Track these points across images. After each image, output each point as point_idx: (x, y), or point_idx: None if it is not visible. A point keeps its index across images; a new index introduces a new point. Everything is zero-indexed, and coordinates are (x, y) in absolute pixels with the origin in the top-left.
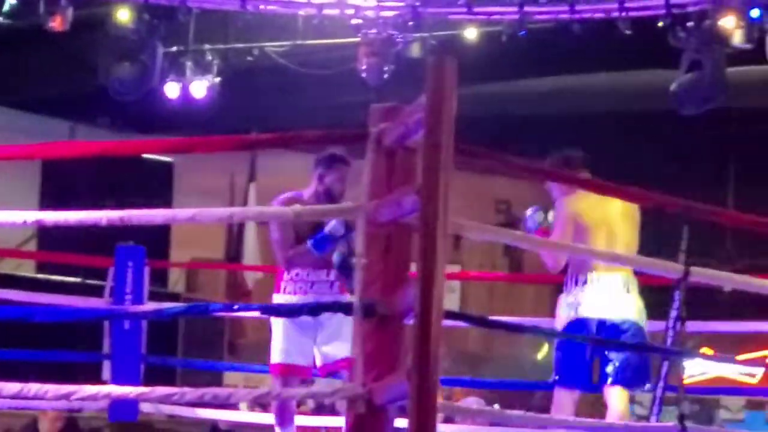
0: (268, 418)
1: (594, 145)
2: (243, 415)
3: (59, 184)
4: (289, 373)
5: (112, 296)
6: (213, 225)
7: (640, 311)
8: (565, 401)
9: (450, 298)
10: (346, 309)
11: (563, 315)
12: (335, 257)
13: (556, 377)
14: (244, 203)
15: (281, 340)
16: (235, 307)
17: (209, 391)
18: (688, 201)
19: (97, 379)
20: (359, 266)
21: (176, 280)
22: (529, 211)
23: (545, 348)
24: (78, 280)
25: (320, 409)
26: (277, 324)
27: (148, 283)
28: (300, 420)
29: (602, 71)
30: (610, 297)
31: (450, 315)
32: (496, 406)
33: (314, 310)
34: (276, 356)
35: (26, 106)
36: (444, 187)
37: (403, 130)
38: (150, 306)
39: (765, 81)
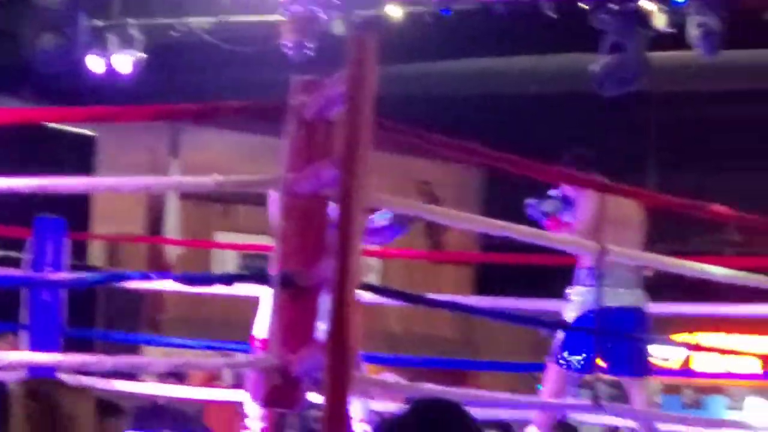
0: (185, 392)
1: (516, 126)
2: (159, 387)
3: None
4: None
5: (30, 268)
6: (134, 199)
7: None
8: (559, 379)
9: (370, 278)
10: (263, 280)
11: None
12: None
13: (560, 357)
14: None
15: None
16: (153, 276)
17: (127, 360)
18: (606, 181)
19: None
20: (277, 237)
21: (97, 255)
22: (530, 200)
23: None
24: None
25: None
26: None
27: (68, 257)
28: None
29: (526, 53)
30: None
31: (367, 287)
32: None
33: (229, 279)
34: (260, 331)
35: None
36: (363, 160)
37: (323, 103)
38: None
39: (686, 66)
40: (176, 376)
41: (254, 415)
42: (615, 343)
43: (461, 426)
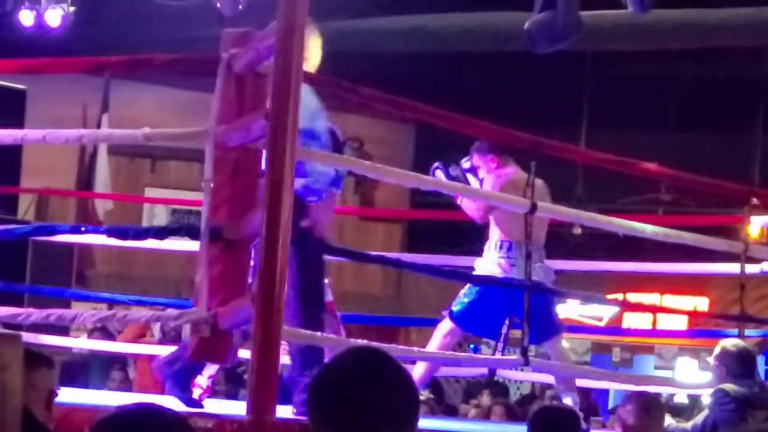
0: (113, 346)
1: (451, 84)
2: (87, 342)
3: None
4: None
5: None
6: (64, 153)
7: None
8: (450, 335)
9: None
10: (194, 234)
11: (494, 270)
12: None
13: (457, 315)
14: None
15: None
16: (83, 228)
17: (55, 312)
18: (538, 137)
19: None
20: (206, 190)
21: (26, 209)
22: (438, 163)
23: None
24: None
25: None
26: None
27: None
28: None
29: (460, 10)
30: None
31: (295, 241)
32: None
33: (160, 233)
34: None
35: None
36: (293, 113)
37: (254, 54)
38: None
39: (619, 25)
40: (104, 330)
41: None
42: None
43: (395, 369)
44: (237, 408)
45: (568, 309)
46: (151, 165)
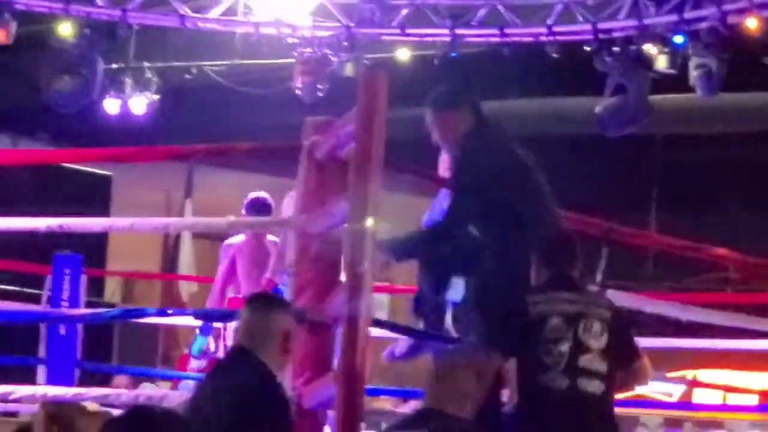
0: None
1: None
2: None
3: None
4: None
5: (48, 304)
6: (149, 238)
7: None
8: None
9: (379, 315)
10: None
11: None
12: None
13: None
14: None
15: None
16: (170, 311)
17: (144, 393)
18: (610, 224)
19: (32, 384)
20: (290, 275)
21: (113, 292)
22: None
23: None
24: (15, 288)
25: None
26: None
27: (85, 294)
28: None
29: (532, 96)
30: None
31: (378, 323)
32: None
33: (227, 317)
34: None
35: None
36: (373, 196)
37: (334, 142)
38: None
39: (688, 108)
40: None
41: None
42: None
43: None
44: None
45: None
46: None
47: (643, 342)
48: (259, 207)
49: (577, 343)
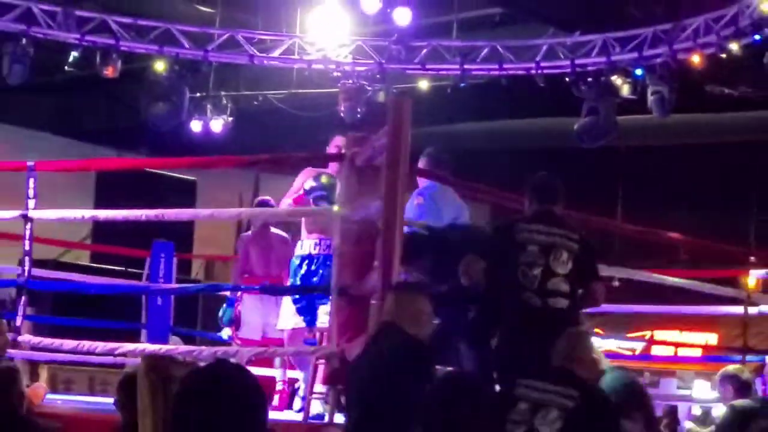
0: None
1: (515, 175)
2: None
3: (108, 197)
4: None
5: (148, 280)
6: (226, 228)
7: None
8: None
9: None
10: (325, 290)
11: None
12: None
13: None
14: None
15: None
16: (241, 286)
17: (221, 349)
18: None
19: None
20: (336, 256)
21: (197, 271)
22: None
23: None
24: (122, 268)
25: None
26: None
27: (176, 272)
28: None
29: (522, 116)
30: None
31: None
32: None
33: (301, 290)
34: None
35: (84, 137)
36: (401, 196)
37: (370, 152)
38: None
39: (646, 126)
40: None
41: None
42: None
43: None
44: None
45: (608, 342)
46: (292, 237)
47: (612, 308)
48: (263, 205)
49: (546, 269)
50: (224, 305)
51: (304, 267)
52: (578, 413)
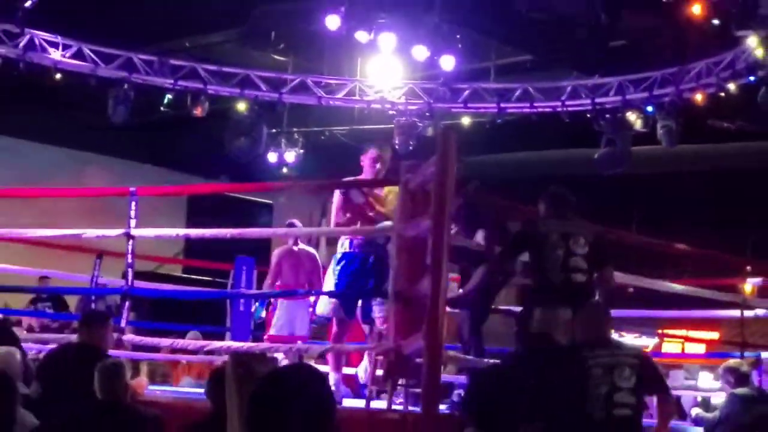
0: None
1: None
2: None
3: (198, 218)
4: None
5: (232, 290)
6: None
7: None
8: None
9: (450, 295)
10: (384, 295)
11: None
12: None
13: None
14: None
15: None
16: (313, 291)
17: (295, 346)
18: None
19: None
20: (392, 266)
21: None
22: None
23: None
24: (210, 278)
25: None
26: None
27: (256, 283)
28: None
29: (550, 148)
30: None
31: (451, 301)
32: None
33: (362, 294)
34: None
35: (176, 167)
36: (448, 215)
37: (421, 178)
38: None
39: (657, 155)
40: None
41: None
42: None
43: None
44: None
45: (626, 340)
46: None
47: (628, 312)
48: (291, 226)
49: (567, 251)
50: (257, 303)
51: (342, 262)
52: (643, 368)
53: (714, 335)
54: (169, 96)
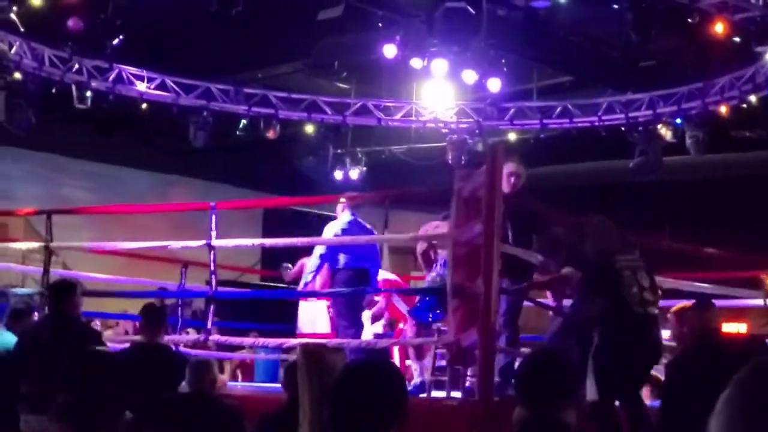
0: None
1: (585, 207)
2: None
3: (272, 230)
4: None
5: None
6: None
7: None
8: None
9: None
10: (443, 292)
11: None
12: None
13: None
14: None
15: None
16: (380, 290)
17: (363, 341)
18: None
19: None
20: (449, 267)
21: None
22: None
23: None
24: (284, 286)
25: None
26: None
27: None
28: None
29: (589, 159)
30: None
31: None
32: None
33: (416, 291)
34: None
35: (251, 185)
36: (497, 220)
37: (472, 187)
38: None
39: (686, 163)
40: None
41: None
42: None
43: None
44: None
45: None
46: (413, 259)
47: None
48: None
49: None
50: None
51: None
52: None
53: (742, 326)
54: (244, 121)
